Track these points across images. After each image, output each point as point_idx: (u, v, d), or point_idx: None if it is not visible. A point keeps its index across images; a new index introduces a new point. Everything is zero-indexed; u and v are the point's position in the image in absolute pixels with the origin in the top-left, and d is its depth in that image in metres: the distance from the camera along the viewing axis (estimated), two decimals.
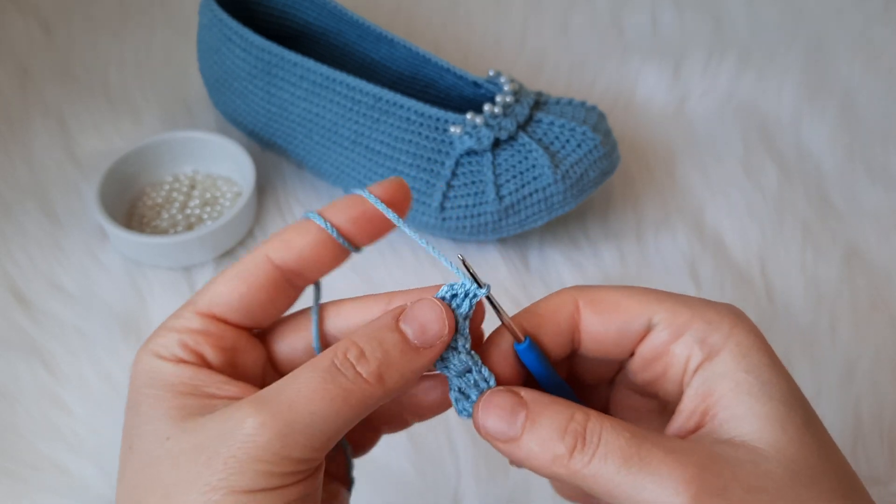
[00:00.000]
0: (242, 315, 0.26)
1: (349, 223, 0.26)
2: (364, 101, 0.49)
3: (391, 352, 0.24)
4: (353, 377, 0.24)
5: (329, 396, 0.23)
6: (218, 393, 0.25)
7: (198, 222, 0.51)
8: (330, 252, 0.27)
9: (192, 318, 0.26)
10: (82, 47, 0.62)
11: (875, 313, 0.47)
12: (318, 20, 0.56)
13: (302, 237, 0.26)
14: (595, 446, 0.23)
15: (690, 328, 0.25)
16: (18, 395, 0.44)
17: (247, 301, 0.26)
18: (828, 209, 0.52)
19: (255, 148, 0.55)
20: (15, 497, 0.40)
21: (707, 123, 0.57)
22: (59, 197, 0.53)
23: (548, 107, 0.49)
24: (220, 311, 0.26)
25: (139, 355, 0.26)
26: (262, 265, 0.26)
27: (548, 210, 0.47)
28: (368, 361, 0.24)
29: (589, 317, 0.26)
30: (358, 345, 0.24)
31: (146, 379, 0.25)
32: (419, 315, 0.25)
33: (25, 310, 0.47)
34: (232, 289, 0.26)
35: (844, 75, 0.60)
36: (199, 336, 0.26)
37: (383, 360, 0.24)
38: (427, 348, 0.25)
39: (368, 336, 0.25)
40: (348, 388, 0.24)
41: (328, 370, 0.24)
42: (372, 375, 0.24)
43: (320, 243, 0.26)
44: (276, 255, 0.26)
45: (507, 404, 0.25)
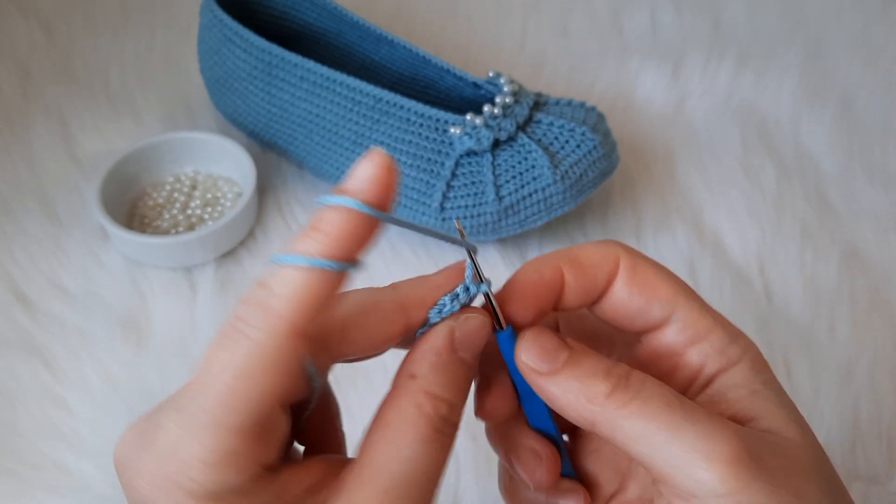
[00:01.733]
0: None
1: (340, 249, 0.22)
2: (364, 101, 0.49)
3: (465, 385, 0.24)
4: (453, 431, 0.24)
5: (444, 460, 0.23)
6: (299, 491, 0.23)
7: (199, 222, 0.51)
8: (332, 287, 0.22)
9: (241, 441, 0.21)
10: (83, 48, 0.62)
11: (874, 313, 0.47)
12: (318, 21, 0.56)
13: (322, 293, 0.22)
14: (637, 389, 0.23)
15: (710, 336, 0.25)
16: (19, 394, 0.44)
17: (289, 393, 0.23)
18: (827, 209, 0.52)
19: (256, 148, 0.55)
20: (15, 496, 0.40)
21: (706, 124, 0.57)
22: (60, 197, 0.53)
23: (547, 107, 0.49)
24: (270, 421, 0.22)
25: (163, 499, 0.22)
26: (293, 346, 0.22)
27: (547, 210, 0.47)
28: (458, 408, 0.24)
29: (620, 283, 0.26)
30: (443, 398, 0.24)
31: None
32: (471, 337, 0.25)
33: (26, 310, 0.47)
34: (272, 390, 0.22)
35: (843, 76, 0.61)
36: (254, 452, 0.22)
37: (465, 398, 0.24)
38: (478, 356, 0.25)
39: (445, 384, 0.24)
40: (451, 442, 0.24)
41: (436, 438, 0.23)
42: (461, 416, 0.24)
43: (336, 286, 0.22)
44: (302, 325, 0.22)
45: (551, 344, 0.24)
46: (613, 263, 0.26)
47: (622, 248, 0.26)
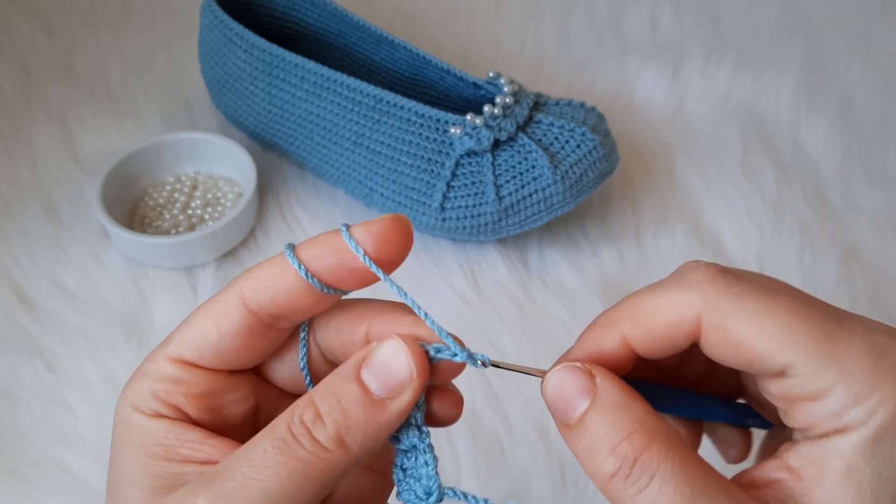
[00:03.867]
0: (215, 360, 0.24)
1: (329, 272, 0.22)
2: (365, 102, 0.49)
3: (350, 409, 0.21)
4: (310, 445, 0.21)
5: (285, 472, 0.21)
6: (193, 455, 0.23)
7: (199, 223, 0.51)
8: (311, 298, 0.23)
9: (164, 364, 0.24)
10: (84, 48, 0.62)
11: (873, 313, 0.47)
12: (318, 21, 0.56)
13: (279, 281, 0.23)
14: (641, 481, 0.20)
15: (831, 396, 0.21)
16: (20, 394, 0.44)
17: (218, 347, 0.23)
18: (826, 209, 0.52)
19: (257, 149, 0.55)
20: (17, 496, 0.40)
21: (706, 124, 0.58)
22: (62, 197, 0.53)
23: (547, 108, 0.49)
24: (191, 357, 0.24)
25: (118, 404, 0.24)
26: (235, 308, 0.23)
27: (547, 210, 0.47)
28: (325, 425, 0.21)
29: (711, 340, 0.22)
30: (314, 404, 0.21)
31: (123, 434, 0.23)
32: (382, 359, 0.22)
33: (27, 309, 0.47)
34: (202, 333, 0.23)
35: (842, 76, 0.61)
36: (171, 385, 0.23)
37: (342, 421, 0.21)
38: (393, 399, 0.22)
39: (325, 392, 0.22)
40: (306, 460, 0.21)
41: (283, 440, 0.21)
42: (331, 441, 0.21)
43: (298, 289, 0.23)
44: (250, 298, 0.23)
45: (577, 385, 0.22)
46: (692, 321, 0.22)
47: (708, 294, 0.22)
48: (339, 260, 0.22)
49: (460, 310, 0.47)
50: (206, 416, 0.24)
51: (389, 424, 0.22)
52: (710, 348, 0.22)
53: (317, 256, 0.23)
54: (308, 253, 0.23)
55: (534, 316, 0.47)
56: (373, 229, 0.22)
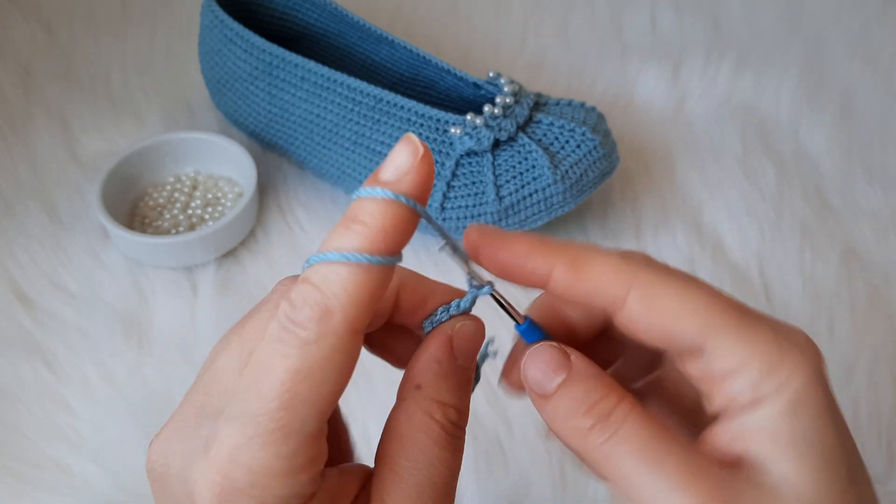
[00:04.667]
0: None
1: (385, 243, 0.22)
2: (365, 102, 0.49)
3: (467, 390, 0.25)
4: (462, 436, 0.24)
5: (459, 462, 0.24)
6: (345, 495, 0.23)
7: (199, 222, 0.51)
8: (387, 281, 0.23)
9: (310, 446, 0.22)
10: (84, 48, 0.62)
11: (873, 313, 0.47)
12: (318, 21, 0.56)
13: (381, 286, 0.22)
14: (614, 429, 0.23)
15: (744, 370, 0.23)
16: (20, 394, 0.44)
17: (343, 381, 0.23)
18: (826, 209, 0.52)
19: (257, 149, 0.55)
20: (17, 496, 0.40)
21: (706, 124, 0.58)
22: (62, 197, 0.53)
23: (547, 108, 0.49)
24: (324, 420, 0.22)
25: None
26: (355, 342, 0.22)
27: (547, 210, 0.47)
28: (465, 413, 0.24)
29: (636, 310, 0.23)
30: (451, 405, 0.24)
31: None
32: (468, 345, 0.25)
33: (27, 309, 0.47)
34: (338, 389, 0.22)
35: (843, 76, 0.61)
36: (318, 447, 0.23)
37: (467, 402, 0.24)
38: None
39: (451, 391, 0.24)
40: (461, 446, 0.24)
41: (450, 443, 0.24)
42: (467, 419, 0.24)
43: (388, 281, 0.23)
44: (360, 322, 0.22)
45: (553, 361, 0.24)
46: (622, 287, 0.23)
47: (640, 270, 0.23)
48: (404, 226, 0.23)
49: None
50: None
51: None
52: (634, 319, 0.24)
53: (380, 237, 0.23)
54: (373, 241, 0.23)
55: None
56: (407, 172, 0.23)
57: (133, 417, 0.42)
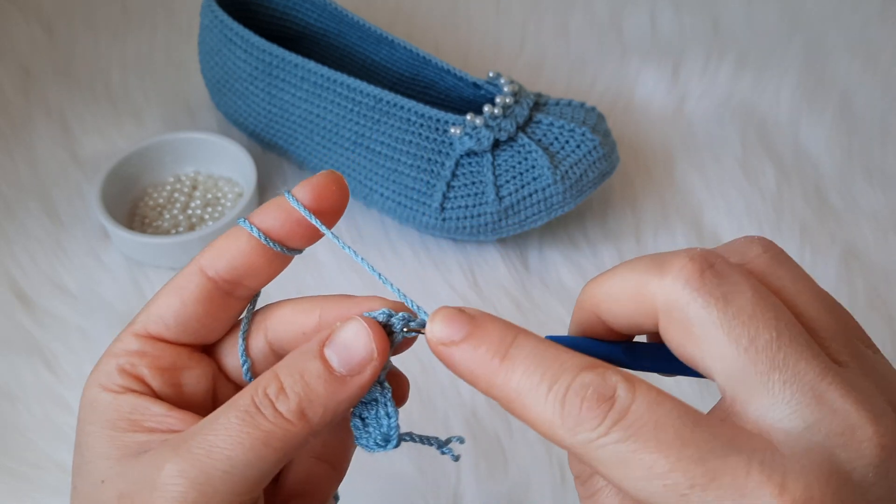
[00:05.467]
0: (179, 332, 0.25)
1: (279, 227, 0.25)
2: (365, 102, 0.49)
3: (313, 383, 0.23)
4: (272, 416, 0.22)
5: (248, 441, 0.22)
6: (158, 426, 0.24)
7: (199, 222, 0.51)
8: (263, 258, 0.25)
9: (130, 339, 0.25)
10: (84, 48, 0.62)
11: (873, 312, 0.47)
12: (318, 21, 0.56)
13: (233, 245, 0.25)
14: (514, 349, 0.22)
15: None
16: (20, 394, 0.44)
17: (182, 317, 0.25)
18: (826, 209, 0.52)
19: (257, 149, 0.55)
20: (17, 496, 0.40)
21: (706, 124, 0.58)
22: (62, 197, 0.53)
23: (547, 108, 0.49)
24: (156, 330, 0.25)
25: (85, 388, 0.25)
26: (196, 278, 0.25)
27: (547, 210, 0.47)
28: (288, 397, 0.23)
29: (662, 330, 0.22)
30: (278, 378, 0.23)
31: (88, 413, 0.25)
32: (345, 339, 0.23)
33: (27, 310, 0.47)
34: (165, 305, 0.25)
35: (842, 76, 0.61)
36: (136, 358, 0.25)
37: (304, 395, 0.23)
38: (354, 376, 0.23)
39: (289, 367, 0.23)
40: (268, 430, 0.22)
41: (247, 411, 0.22)
42: (293, 413, 0.22)
43: (251, 250, 0.25)
44: (208, 266, 0.25)
45: (454, 315, 0.23)
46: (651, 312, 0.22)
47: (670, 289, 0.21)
48: (286, 217, 0.25)
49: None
50: (169, 391, 0.25)
51: (349, 400, 0.23)
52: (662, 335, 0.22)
53: (266, 219, 0.25)
54: (258, 217, 0.25)
55: (533, 316, 0.47)
56: (310, 185, 0.25)
57: None
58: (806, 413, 0.20)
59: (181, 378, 0.25)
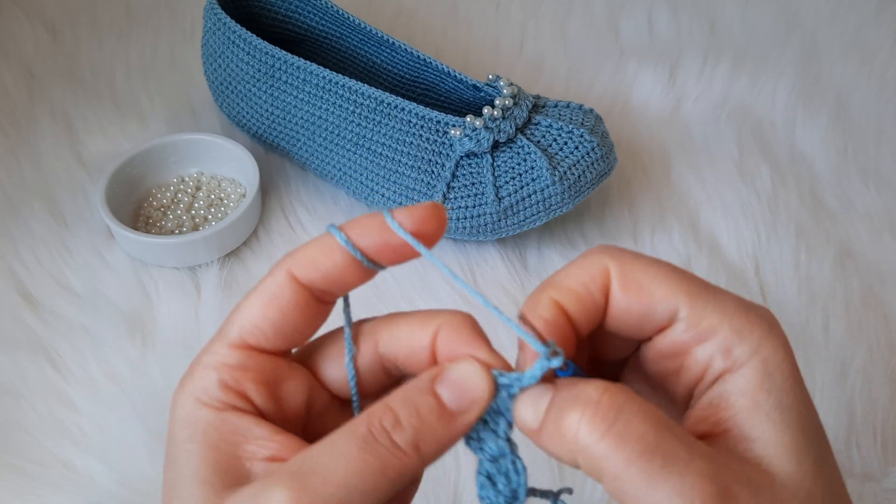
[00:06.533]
0: (278, 340, 0.25)
1: (372, 248, 0.25)
2: (366, 104, 0.49)
3: (427, 418, 0.23)
4: (390, 447, 0.23)
5: (367, 469, 0.22)
6: (260, 452, 0.24)
7: (203, 223, 0.52)
8: (356, 272, 0.25)
9: (227, 351, 0.25)
10: (88, 50, 0.63)
11: (868, 312, 0.47)
12: (320, 24, 0.57)
13: (328, 257, 0.24)
14: (612, 420, 0.22)
15: (716, 334, 0.23)
16: (25, 392, 0.44)
17: (280, 325, 0.25)
18: (821, 210, 0.53)
19: (259, 150, 0.56)
20: (22, 493, 0.41)
21: (702, 126, 0.58)
22: (66, 198, 0.53)
23: (546, 109, 0.50)
24: (255, 340, 0.25)
25: (178, 399, 0.24)
26: (289, 285, 0.25)
27: (546, 211, 0.48)
28: (404, 429, 0.23)
29: (615, 292, 0.24)
30: (393, 410, 0.23)
31: (185, 431, 0.24)
32: (457, 376, 0.24)
33: (32, 309, 0.48)
34: (262, 314, 0.24)
35: (837, 78, 0.61)
36: (239, 371, 0.24)
37: (419, 428, 0.23)
38: (464, 413, 0.24)
39: (404, 400, 0.23)
40: (385, 459, 0.22)
41: (365, 439, 0.22)
42: (408, 445, 0.23)
43: (346, 264, 0.25)
44: (301, 274, 0.25)
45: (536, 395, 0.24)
46: (603, 275, 0.25)
47: (608, 255, 0.25)
48: (382, 237, 0.24)
49: (460, 308, 0.47)
50: (271, 406, 0.25)
51: (457, 435, 0.24)
52: (619, 297, 0.24)
53: (363, 235, 0.25)
54: (354, 231, 0.25)
55: None
56: (414, 213, 0.25)
57: (137, 415, 0.43)
58: None
59: (281, 390, 0.25)
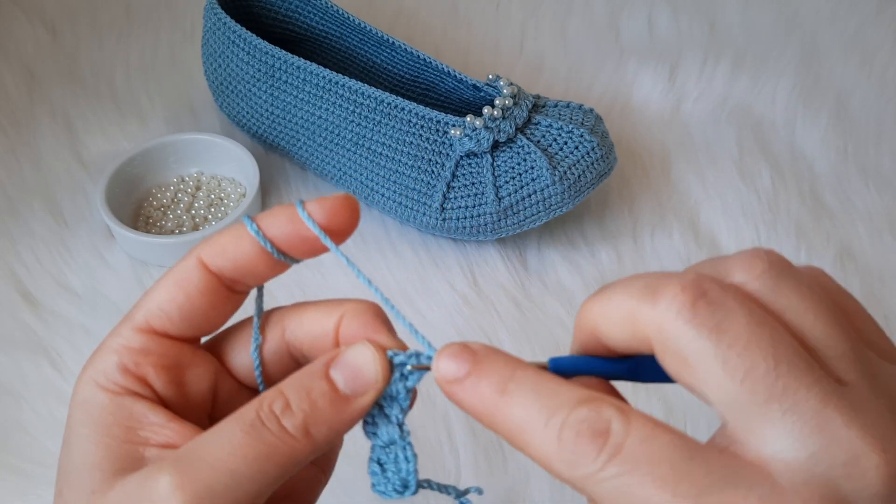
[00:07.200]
0: (184, 326, 0.25)
1: (283, 239, 0.24)
2: (366, 104, 0.49)
3: (318, 402, 0.23)
4: (278, 432, 0.22)
5: (252, 454, 0.22)
6: (153, 438, 0.23)
7: (203, 223, 0.52)
8: (265, 263, 0.24)
9: (131, 335, 0.24)
10: (88, 50, 0.63)
11: (868, 312, 0.47)
12: (320, 24, 0.57)
13: (236, 246, 0.24)
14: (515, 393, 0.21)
15: None
16: (25, 392, 0.44)
17: (186, 310, 0.24)
18: (821, 210, 0.53)
19: (259, 150, 0.56)
20: (21, 492, 0.41)
21: (702, 126, 0.58)
22: (66, 198, 0.53)
23: (546, 109, 0.50)
24: (160, 324, 0.24)
25: (79, 382, 0.24)
26: (196, 271, 0.24)
27: (546, 211, 0.48)
28: (294, 414, 0.22)
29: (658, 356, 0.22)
30: (284, 395, 0.23)
31: (81, 413, 0.24)
32: (351, 360, 0.23)
33: (32, 309, 0.48)
34: (168, 298, 0.24)
35: (838, 78, 0.61)
36: (140, 356, 0.24)
37: (310, 413, 0.23)
38: (358, 396, 0.23)
39: (296, 385, 0.23)
40: (272, 444, 0.22)
41: (252, 424, 0.22)
42: (298, 430, 0.22)
43: (256, 254, 0.24)
44: (210, 261, 0.24)
45: (458, 351, 0.23)
46: (642, 338, 0.22)
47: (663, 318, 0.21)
48: (293, 228, 0.24)
49: (460, 309, 0.47)
50: (172, 391, 0.25)
51: (351, 419, 0.24)
52: (660, 362, 0.22)
53: (272, 225, 0.24)
54: (265, 222, 0.24)
55: (532, 315, 0.47)
56: (325, 204, 0.24)
57: None
58: (808, 443, 0.19)
59: (185, 376, 0.25)
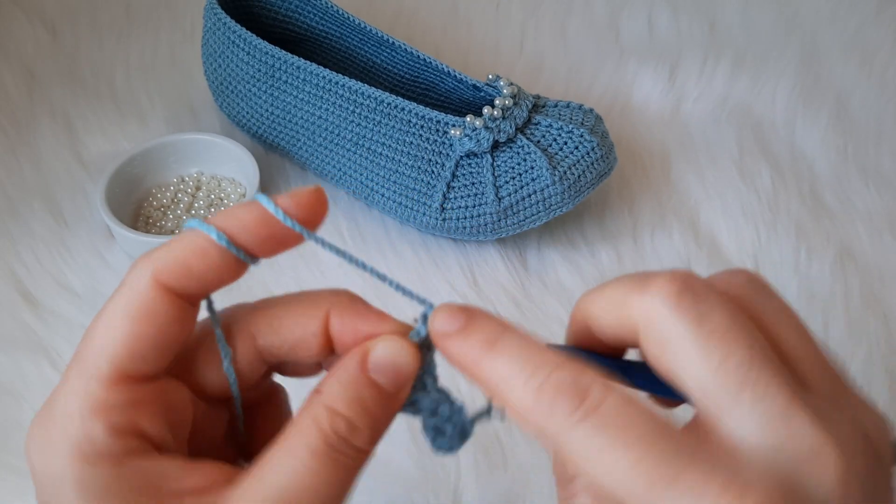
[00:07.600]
0: (159, 360, 0.23)
1: (254, 241, 0.23)
2: (366, 104, 0.49)
3: (374, 409, 0.23)
4: (351, 451, 0.22)
5: (337, 480, 0.22)
6: (182, 488, 0.22)
7: None
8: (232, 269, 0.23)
9: (106, 391, 0.22)
10: (88, 50, 0.63)
11: (867, 312, 0.47)
12: (320, 24, 0.57)
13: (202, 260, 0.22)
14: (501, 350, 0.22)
15: None
16: (25, 392, 0.44)
17: (160, 343, 0.22)
18: (821, 210, 0.53)
19: (259, 150, 0.56)
20: (21, 493, 0.41)
21: (702, 126, 0.58)
22: (66, 198, 0.53)
23: (546, 109, 0.50)
24: (135, 368, 0.22)
25: (41, 465, 0.22)
26: (160, 296, 0.22)
27: (546, 211, 0.48)
28: (360, 430, 0.22)
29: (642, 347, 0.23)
30: (342, 414, 0.22)
31: (81, 497, 0.21)
32: (387, 358, 0.23)
33: (32, 309, 0.48)
34: (137, 335, 0.22)
35: (838, 78, 0.61)
36: (130, 410, 0.22)
37: (371, 423, 0.23)
38: (402, 389, 0.24)
39: (348, 400, 0.23)
40: (349, 466, 0.22)
41: (327, 454, 0.22)
42: (368, 443, 0.23)
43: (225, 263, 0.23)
44: (172, 281, 0.22)
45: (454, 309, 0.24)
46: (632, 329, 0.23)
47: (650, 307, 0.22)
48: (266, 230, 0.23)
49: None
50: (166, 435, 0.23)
51: (398, 409, 0.24)
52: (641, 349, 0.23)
53: (241, 229, 0.23)
54: (231, 226, 0.23)
55: (532, 315, 0.47)
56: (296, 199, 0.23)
57: None
58: (773, 433, 0.20)
59: (171, 411, 0.23)
